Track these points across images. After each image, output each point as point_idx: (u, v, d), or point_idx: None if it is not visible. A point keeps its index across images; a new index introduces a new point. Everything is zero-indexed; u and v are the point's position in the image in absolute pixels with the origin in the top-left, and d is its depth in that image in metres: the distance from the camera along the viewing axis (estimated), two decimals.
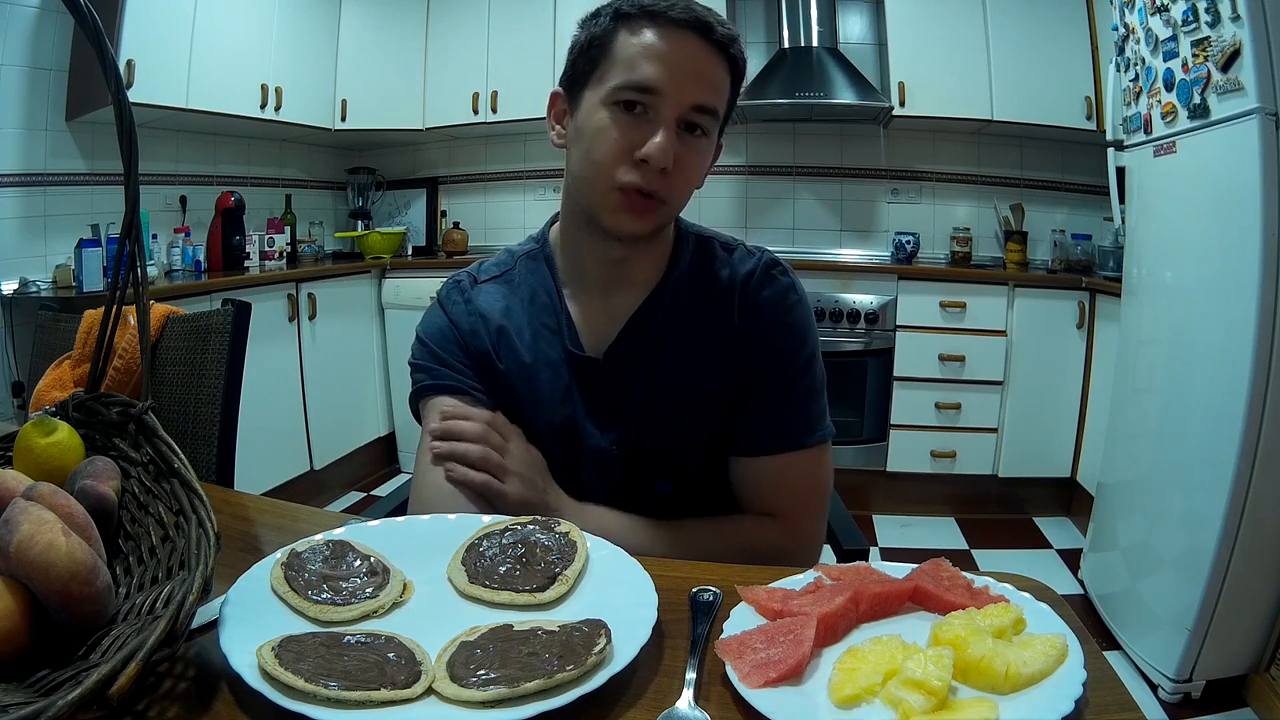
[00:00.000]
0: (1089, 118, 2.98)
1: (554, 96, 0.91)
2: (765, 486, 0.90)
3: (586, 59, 0.85)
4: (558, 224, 0.97)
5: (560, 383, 0.91)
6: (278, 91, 3.07)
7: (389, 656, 0.54)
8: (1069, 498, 2.95)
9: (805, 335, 0.92)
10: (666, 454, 0.92)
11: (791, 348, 0.90)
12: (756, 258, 0.93)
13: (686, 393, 0.90)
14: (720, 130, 0.89)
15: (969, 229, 3.29)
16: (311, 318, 2.99)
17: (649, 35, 0.81)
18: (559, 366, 0.91)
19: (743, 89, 0.89)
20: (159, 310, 1.28)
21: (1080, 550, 2.50)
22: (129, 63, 2.47)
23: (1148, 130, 2.05)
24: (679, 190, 0.85)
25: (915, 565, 0.66)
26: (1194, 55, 1.78)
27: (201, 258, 2.99)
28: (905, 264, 3.19)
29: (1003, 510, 3.02)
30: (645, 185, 0.81)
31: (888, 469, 3.03)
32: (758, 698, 0.51)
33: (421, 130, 3.56)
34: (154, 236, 2.79)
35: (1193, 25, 1.78)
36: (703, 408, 0.91)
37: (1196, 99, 1.79)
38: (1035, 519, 2.98)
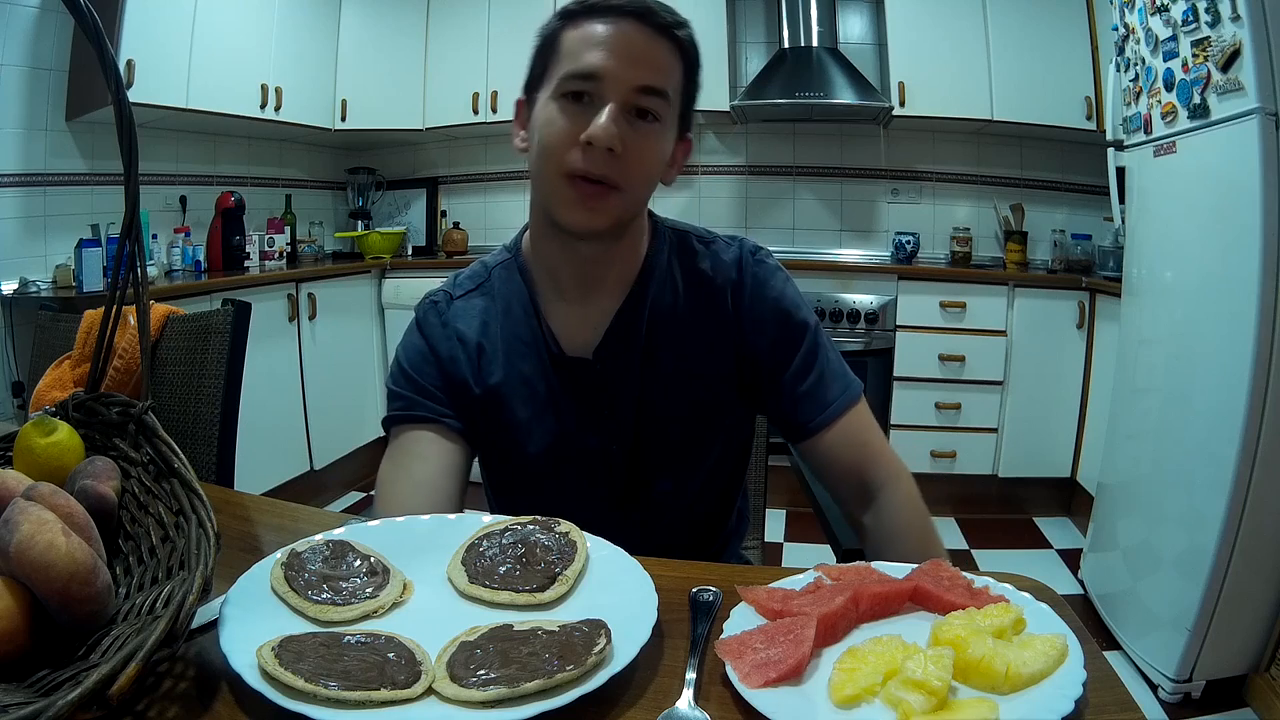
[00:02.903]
0: (1089, 118, 2.98)
1: (518, 105, 0.91)
2: (853, 447, 0.92)
3: (539, 62, 0.87)
4: (529, 232, 0.97)
5: (537, 398, 0.90)
6: (278, 91, 3.07)
7: (389, 656, 0.54)
8: (1069, 498, 2.95)
9: (804, 306, 0.94)
10: (667, 451, 0.92)
11: (802, 322, 0.92)
12: (737, 246, 0.94)
13: (680, 387, 0.90)
14: (685, 123, 0.89)
15: (969, 229, 3.29)
16: (311, 318, 2.99)
17: (590, 27, 0.82)
18: (534, 381, 0.91)
19: (699, 78, 0.88)
20: (159, 310, 1.28)
21: (1080, 550, 2.50)
22: (129, 63, 2.47)
23: (1148, 130, 2.05)
24: (634, 176, 0.83)
25: (915, 565, 0.66)
26: (1194, 55, 1.78)
27: (201, 258, 2.99)
28: (905, 264, 3.19)
29: (1003, 510, 3.02)
30: (592, 168, 0.80)
31: None
32: (758, 698, 0.51)
33: (421, 130, 3.56)
34: (154, 236, 2.79)
35: (1193, 25, 1.78)
36: (697, 399, 0.91)
37: (1196, 99, 1.79)
38: (1035, 519, 2.98)
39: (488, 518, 0.74)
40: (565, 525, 0.71)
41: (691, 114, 0.90)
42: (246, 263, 3.07)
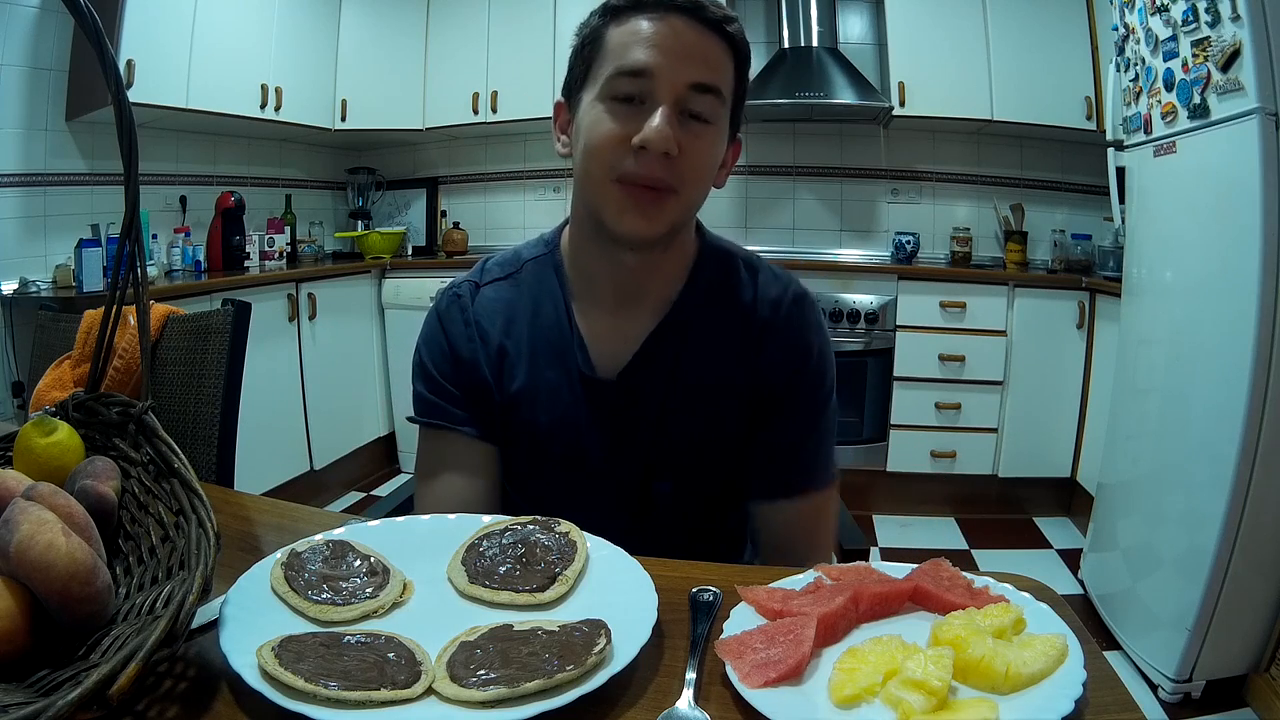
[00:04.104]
0: (1089, 118, 2.98)
1: (557, 107, 0.88)
2: (799, 529, 0.89)
3: (581, 61, 0.83)
4: (569, 228, 0.92)
5: (560, 406, 0.88)
6: (278, 91, 3.07)
7: (389, 656, 0.54)
8: (1069, 498, 2.95)
9: (827, 373, 0.90)
10: (673, 464, 0.90)
11: (816, 387, 0.89)
12: (782, 286, 0.90)
13: (700, 418, 0.88)
14: (735, 124, 0.86)
15: (969, 229, 3.29)
16: (311, 318, 2.99)
17: (637, 23, 0.78)
18: (560, 390, 0.88)
19: (749, 76, 0.85)
20: (159, 310, 1.27)
21: (1080, 550, 2.50)
22: (129, 63, 2.47)
23: (1148, 130, 2.05)
24: (689, 179, 0.79)
25: (915, 565, 0.66)
26: (1194, 55, 1.78)
27: (201, 258, 2.99)
28: (905, 264, 3.19)
29: (1003, 510, 3.02)
30: (647, 173, 0.76)
31: (888, 469, 3.03)
32: (758, 698, 0.51)
33: (421, 130, 3.56)
34: (154, 236, 2.79)
35: (1193, 25, 1.78)
36: (716, 430, 0.88)
37: (1196, 99, 1.79)
38: (1035, 519, 2.98)
39: (488, 518, 0.74)
40: (565, 525, 0.71)
41: (742, 114, 0.86)
42: (246, 263, 3.07)
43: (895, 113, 3.14)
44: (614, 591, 0.63)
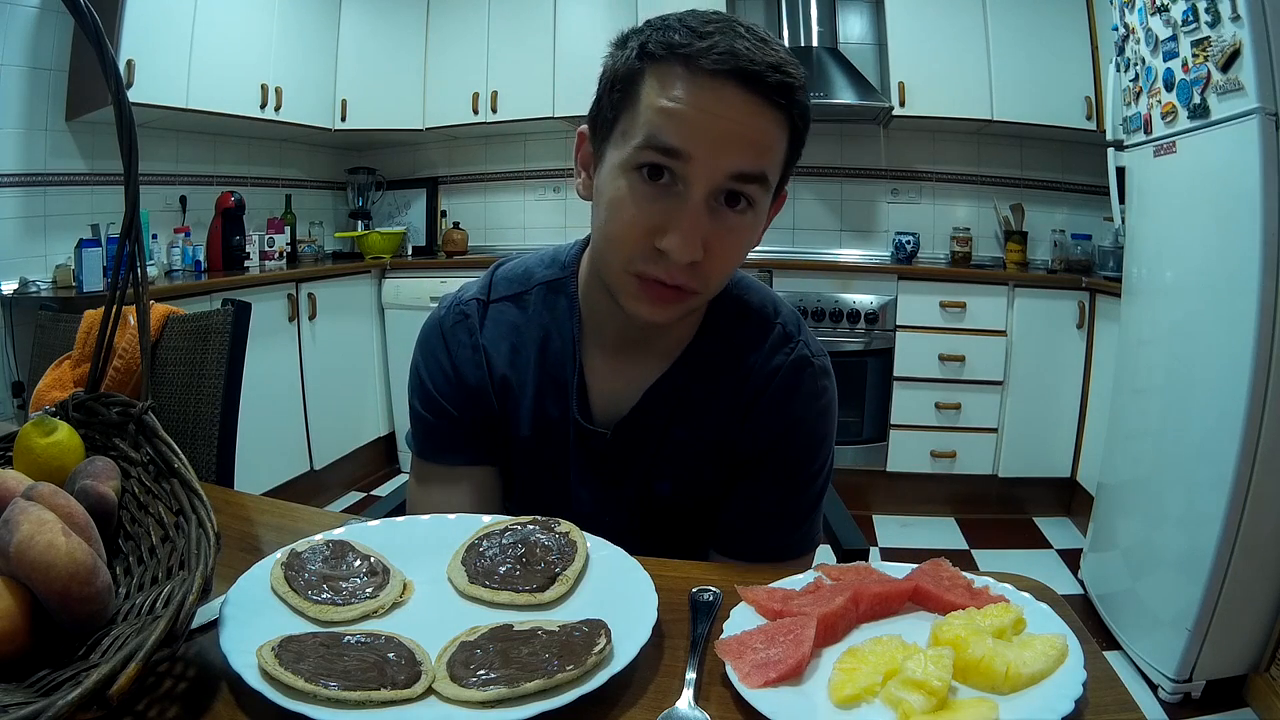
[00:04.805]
0: (1089, 118, 2.98)
1: (580, 136, 0.78)
2: None
3: (610, 102, 0.72)
4: (586, 258, 0.85)
5: (558, 445, 0.85)
6: (278, 91, 3.08)
7: (389, 656, 0.54)
8: (1069, 498, 2.95)
9: (820, 446, 0.84)
10: (661, 513, 0.88)
11: (798, 462, 0.83)
12: (787, 353, 0.83)
13: (683, 482, 0.86)
14: (783, 182, 0.77)
15: (969, 229, 3.29)
16: (311, 318, 2.99)
17: (679, 87, 0.67)
18: (557, 428, 0.84)
19: (805, 137, 0.75)
20: (159, 310, 1.27)
21: (1080, 550, 2.50)
22: (129, 63, 2.47)
23: (1148, 130, 2.05)
24: (714, 280, 0.73)
25: (915, 565, 0.66)
26: (1194, 55, 1.78)
27: (201, 258, 2.99)
28: (905, 264, 3.19)
29: (1003, 510, 3.02)
30: (667, 280, 0.70)
31: (888, 469, 3.03)
32: (758, 698, 0.51)
33: (421, 130, 3.56)
34: (154, 236, 2.79)
35: (1193, 25, 1.78)
36: (697, 494, 0.86)
37: (1196, 99, 1.79)
38: (1035, 519, 2.98)
39: (488, 518, 0.74)
40: (565, 525, 0.71)
41: (792, 172, 0.77)
42: (246, 263, 3.07)
43: (895, 113, 3.14)
44: (614, 591, 0.63)
